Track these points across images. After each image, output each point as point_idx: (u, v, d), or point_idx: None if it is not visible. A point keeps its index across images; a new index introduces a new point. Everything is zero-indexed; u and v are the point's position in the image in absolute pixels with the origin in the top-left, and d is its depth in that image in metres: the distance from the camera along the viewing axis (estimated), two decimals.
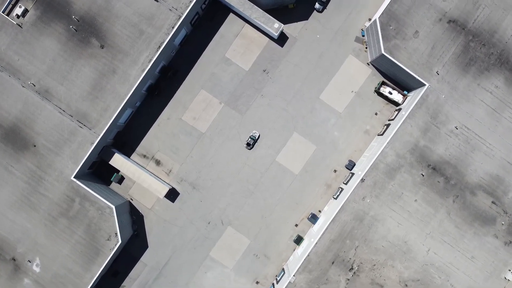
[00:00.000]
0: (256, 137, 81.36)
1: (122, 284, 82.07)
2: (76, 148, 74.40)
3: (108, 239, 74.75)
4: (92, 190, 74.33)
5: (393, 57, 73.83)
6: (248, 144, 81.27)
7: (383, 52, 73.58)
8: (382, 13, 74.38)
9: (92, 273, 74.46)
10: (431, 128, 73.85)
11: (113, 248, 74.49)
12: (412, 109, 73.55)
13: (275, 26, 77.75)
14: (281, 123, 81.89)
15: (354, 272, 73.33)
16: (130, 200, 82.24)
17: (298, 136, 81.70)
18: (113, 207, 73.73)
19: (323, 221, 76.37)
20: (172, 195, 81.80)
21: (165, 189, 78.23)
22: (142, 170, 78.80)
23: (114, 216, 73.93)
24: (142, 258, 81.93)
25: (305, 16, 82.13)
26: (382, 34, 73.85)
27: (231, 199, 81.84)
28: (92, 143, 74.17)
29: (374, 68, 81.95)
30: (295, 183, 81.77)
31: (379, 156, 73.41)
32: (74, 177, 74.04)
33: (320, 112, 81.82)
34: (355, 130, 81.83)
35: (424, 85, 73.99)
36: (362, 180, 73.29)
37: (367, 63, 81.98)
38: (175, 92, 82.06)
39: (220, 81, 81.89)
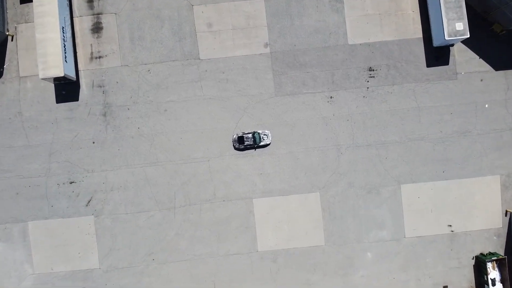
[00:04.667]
0: (264, 142, 42.19)
1: None
2: None
3: None
4: None
5: None
6: (240, 140, 42.10)
7: None
8: None
9: None
10: None
11: None
12: None
13: (456, 26, 38.67)
14: (315, 163, 42.57)
15: None
16: (8, 36, 42.52)
17: (317, 204, 42.50)
18: None
19: None
20: (65, 90, 42.05)
21: (59, 72, 38.37)
22: (59, 23, 39.05)
23: None
24: None
25: (497, 63, 42.96)
26: None
27: (144, 182, 42.54)
28: None
29: (508, 226, 43.30)
30: (244, 259, 42.65)
31: None
32: None
33: (380, 207, 42.67)
34: (392, 276, 42.91)
35: None
36: None
37: (507, 210, 43.30)
38: None
39: (301, 22, 42.49)
